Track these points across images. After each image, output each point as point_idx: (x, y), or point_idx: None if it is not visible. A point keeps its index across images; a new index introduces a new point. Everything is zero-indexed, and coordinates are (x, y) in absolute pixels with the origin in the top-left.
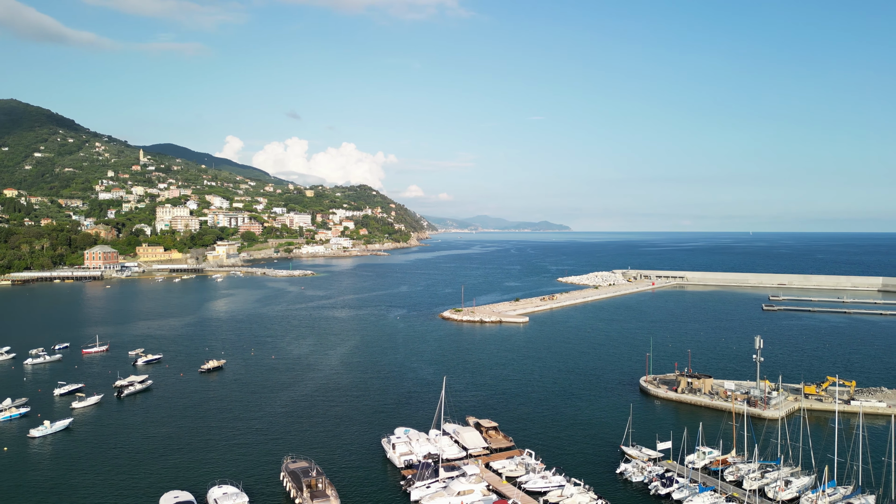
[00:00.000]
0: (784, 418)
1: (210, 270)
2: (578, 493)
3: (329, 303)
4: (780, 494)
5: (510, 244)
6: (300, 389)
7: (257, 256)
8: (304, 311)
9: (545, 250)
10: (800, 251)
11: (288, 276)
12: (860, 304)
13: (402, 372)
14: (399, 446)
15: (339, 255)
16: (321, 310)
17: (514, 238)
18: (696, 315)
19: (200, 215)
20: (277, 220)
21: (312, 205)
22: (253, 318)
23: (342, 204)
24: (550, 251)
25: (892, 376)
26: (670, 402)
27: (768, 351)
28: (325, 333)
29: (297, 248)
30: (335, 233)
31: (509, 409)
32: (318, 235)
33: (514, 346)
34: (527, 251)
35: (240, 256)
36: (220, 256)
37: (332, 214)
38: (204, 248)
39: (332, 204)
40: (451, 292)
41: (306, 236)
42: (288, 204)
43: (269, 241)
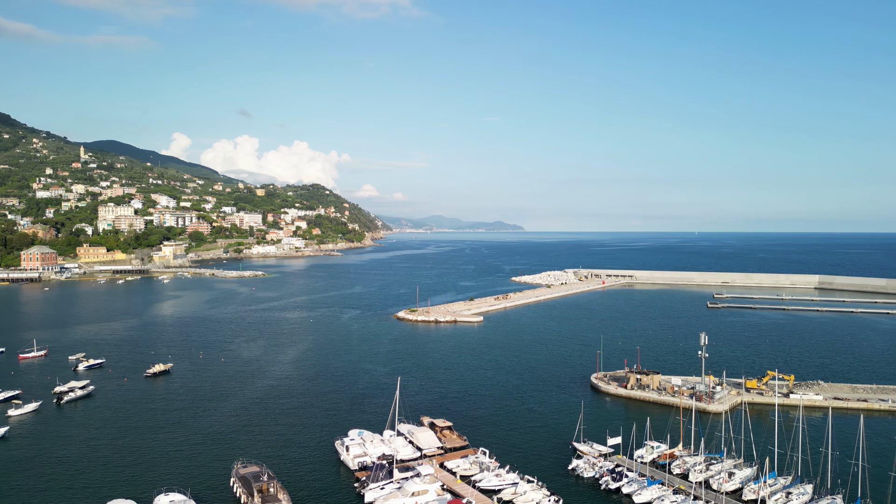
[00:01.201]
0: (727, 412)
1: (156, 271)
2: (532, 490)
3: (281, 304)
4: (723, 486)
5: (465, 244)
6: (251, 393)
7: (206, 257)
8: (255, 313)
9: (499, 250)
10: (742, 251)
11: (238, 276)
12: (798, 301)
13: (356, 373)
14: (353, 448)
15: (291, 255)
16: (273, 311)
17: (468, 238)
18: (644, 313)
19: (146, 215)
20: (227, 220)
21: (263, 204)
22: (201, 320)
23: (294, 203)
24: (504, 251)
25: (829, 370)
26: (620, 398)
27: (713, 347)
28: (277, 335)
29: (248, 249)
30: (287, 233)
31: (464, 408)
32: (269, 235)
33: (469, 345)
34: (481, 251)
35: (187, 257)
36: (167, 257)
37: (283, 214)
38: (149, 248)
39: (284, 203)
40: (405, 292)
41: (257, 236)
42: (238, 203)
43: (218, 241)
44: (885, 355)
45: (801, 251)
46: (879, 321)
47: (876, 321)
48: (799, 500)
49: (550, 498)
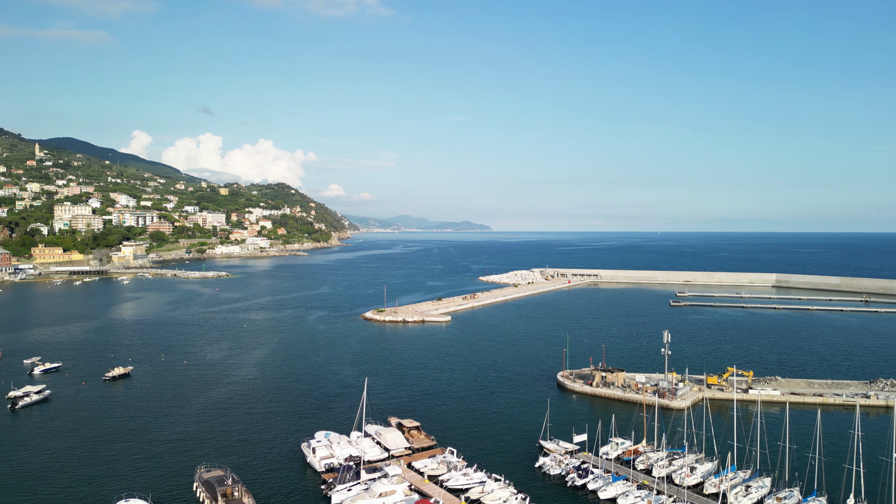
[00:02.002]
0: (690, 408)
1: (115, 272)
2: (499, 488)
3: (245, 305)
4: (685, 480)
5: (432, 244)
6: (215, 395)
7: (168, 257)
8: (219, 314)
9: (467, 250)
10: (703, 250)
11: (201, 277)
12: (757, 298)
13: (323, 374)
14: (319, 450)
15: (255, 255)
16: (237, 312)
17: (436, 238)
18: (609, 311)
19: (104, 214)
20: (189, 220)
21: (227, 203)
22: (163, 321)
23: (259, 202)
24: (472, 251)
25: (786, 366)
26: (586, 395)
27: (675, 344)
28: (241, 337)
29: (211, 249)
30: (251, 232)
31: (432, 408)
32: (233, 235)
33: (437, 345)
34: (449, 251)
35: (148, 257)
36: (127, 257)
37: (248, 213)
38: (108, 248)
39: (249, 203)
40: (373, 292)
41: (221, 236)
42: (201, 202)
43: (180, 241)
44: (839, 351)
45: (759, 250)
46: (834, 318)
47: (831, 318)
48: (758, 493)
49: (517, 496)
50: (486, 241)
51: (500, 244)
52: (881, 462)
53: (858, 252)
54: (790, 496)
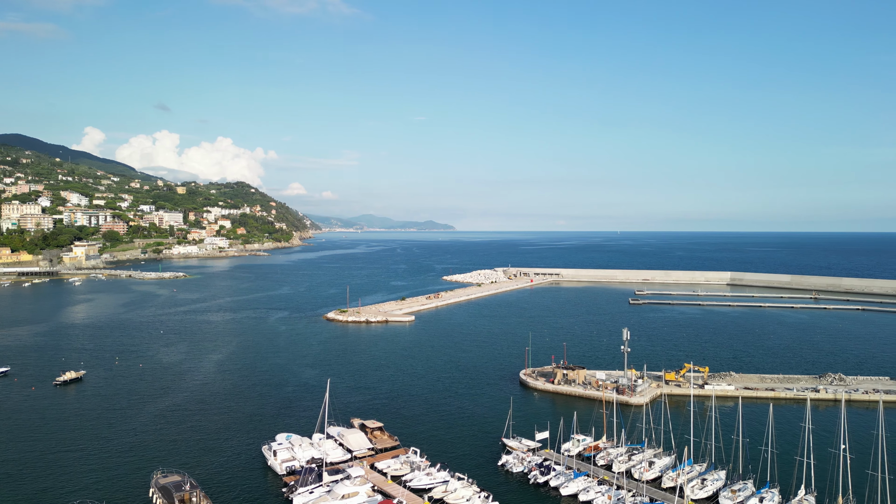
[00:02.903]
0: (648, 404)
1: (66, 273)
2: (462, 487)
3: (204, 306)
4: (644, 475)
5: (396, 243)
6: (172, 399)
7: (122, 258)
8: (176, 316)
9: (430, 249)
10: (662, 249)
11: (157, 278)
12: (712, 296)
13: (284, 376)
14: (280, 453)
15: (214, 255)
16: (195, 314)
17: (399, 237)
18: (570, 310)
19: (55, 213)
20: (145, 219)
21: (185, 202)
22: (117, 324)
23: (218, 202)
24: (436, 250)
25: (740, 362)
26: (548, 393)
27: (635, 342)
28: (200, 339)
29: (168, 249)
30: (210, 232)
31: (395, 408)
32: (190, 235)
33: (400, 345)
34: (413, 250)
35: (101, 258)
36: (79, 258)
37: (206, 213)
38: (59, 248)
39: (207, 202)
40: (335, 293)
41: (178, 236)
42: (157, 201)
43: (135, 241)
44: (790, 347)
45: (714, 249)
46: (785, 315)
47: (782, 315)
48: (713, 485)
49: (480, 494)
50: (449, 241)
51: (464, 244)
52: (830, 454)
53: (808, 251)
54: (744, 488)
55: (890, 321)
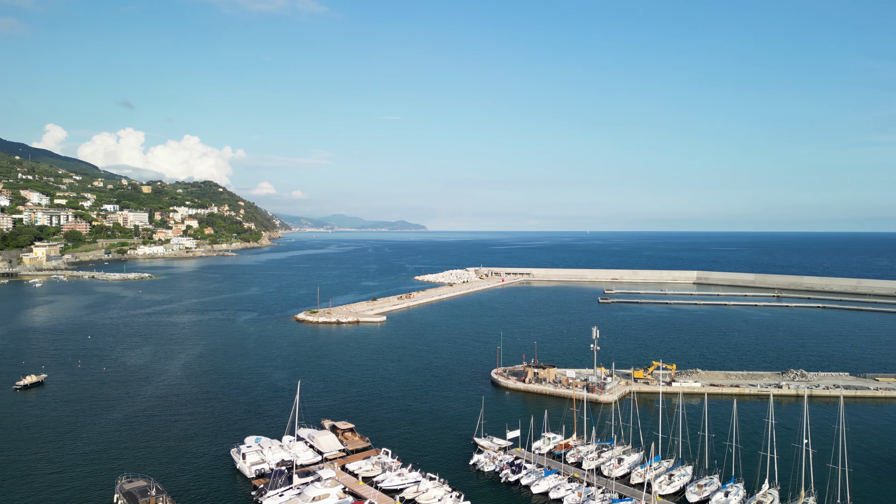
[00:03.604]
0: (617, 401)
1: (26, 275)
2: (434, 487)
3: (170, 307)
4: (613, 472)
5: (367, 243)
6: (137, 403)
7: (85, 259)
8: (141, 318)
9: (402, 249)
10: (630, 249)
11: (122, 279)
12: (679, 295)
13: (253, 378)
14: (250, 455)
15: (181, 256)
16: (161, 315)
17: (371, 237)
18: (541, 309)
19: (14, 213)
20: (109, 219)
21: (150, 202)
22: (80, 326)
23: (184, 201)
24: (407, 250)
25: (706, 359)
26: (519, 392)
27: (604, 340)
28: (166, 341)
29: (133, 249)
30: (176, 232)
31: (366, 409)
32: (156, 235)
33: (372, 345)
34: (384, 250)
35: (63, 259)
36: (39, 259)
37: (172, 212)
38: (19, 249)
39: (173, 201)
40: (306, 293)
41: (143, 236)
42: (121, 201)
43: (98, 241)
44: (754, 344)
45: (681, 249)
46: (749, 313)
47: (746, 313)
48: (680, 481)
49: (452, 494)
50: (421, 241)
51: (436, 244)
52: (793, 448)
53: (770, 251)
54: (710, 483)
55: (849, 318)
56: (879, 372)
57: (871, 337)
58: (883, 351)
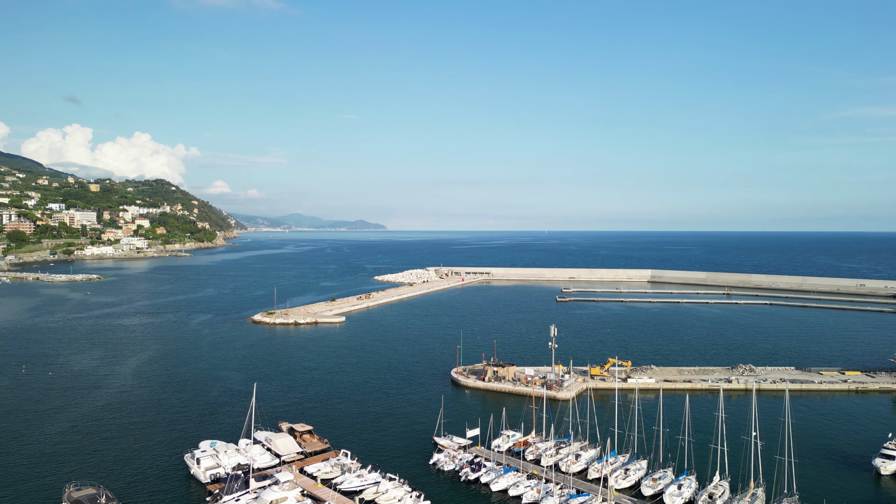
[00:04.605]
0: (575, 398)
1: None
2: (393, 487)
3: (120, 310)
4: (571, 467)
5: (326, 243)
6: (85, 408)
7: (29, 259)
8: (89, 320)
9: (361, 249)
10: (586, 248)
11: (68, 280)
12: (634, 293)
13: (208, 382)
14: (204, 460)
15: (131, 256)
16: (110, 318)
17: (329, 237)
18: (501, 308)
19: None
20: (54, 218)
21: (98, 201)
22: (23, 330)
23: (135, 200)
24: (367, 250)
25: (660, 355)
26: (479, 390)
27: (562, 338)
28: (115, 344)
29: (80, 250)
30: (127, 232)
31: (325, 411)
32: (105, 235)
33: (330, 346)
34: (343, 250)
35: (6, 260)
36: None
37: (122, 211)
38: None
39: (123, 200)
40: (262, 294)
41: (91, 236)
42: (68, 199)
43: (43, 241)
44: (705, 340)
45: (636, 248)
46: (701, 310)
47: (698, 310)
48: (636, 475)
49: (412, 494)
50: (380, 241)
51: (395, 243)
52: (742, 441)
53: (721, 249)
54: (664, 476)
55: (794, 314)
56: (823, 366)
57: (814, 332)
58: (826, 346)
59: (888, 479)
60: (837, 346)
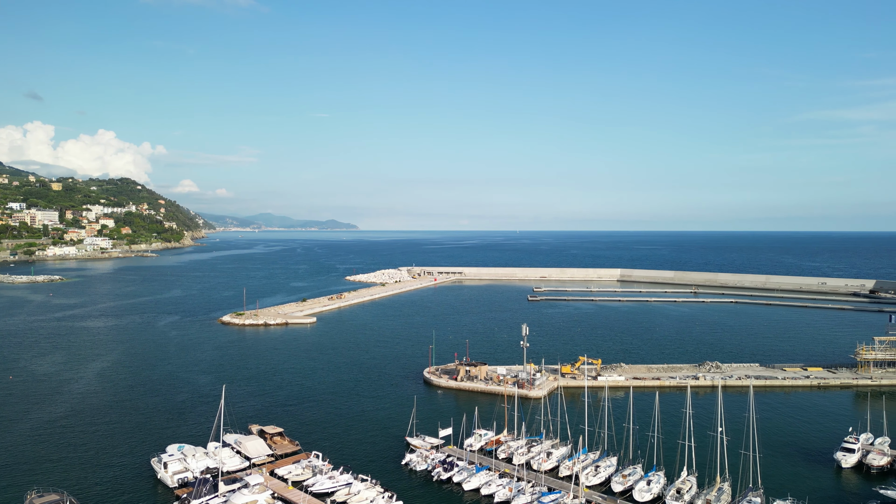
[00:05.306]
0: (546, 396)
1: None
2: (365, 488)
3: (83, 311)
4: (542, 465)
5: (296, 243)
6: (48, 413)
7: None
8: (51, 322)
9: (333, 249)
10: (557, 248)
11: (29, 282)
12: (604, 292)
13: (175, 384)
14: (171, 464)
15: (95, 257)
16: (73, 320)
17: (300, 237)
18: (473, 307)
19: None
20: (14, 218)
21: (61, 200)
22: None
23: (99, 199)
24: (338, 250)
25: (630, 353)
26: (451, 390)
27: (533, 337)
28: (79, 347)
29: (42, 250)
30: (90, 232)
31: (296, 412)
32: (68, 235)
33: (301, 347)
34: (314, 250)
35: None
36: None
37: (86, 211)
38: None
39: (87, 199)
40: (231, 295)
41: (53, 236)
42: (29, 198)
43: (3, 241)
44: (674, 338)
45: (606, 248)
46: (669, 308)
47: (666, 308)
48: (606, 471)
49: (384, 494)
50: (352, 240)
51: (367, 243)
52: (709, 437)
53: (688, 249)
54: (633, 472)
55: (759, 312)
56: (786, 362)
57: (778, 329)
58: (789, 342)
59: (849, 472)
60: (800, 343)
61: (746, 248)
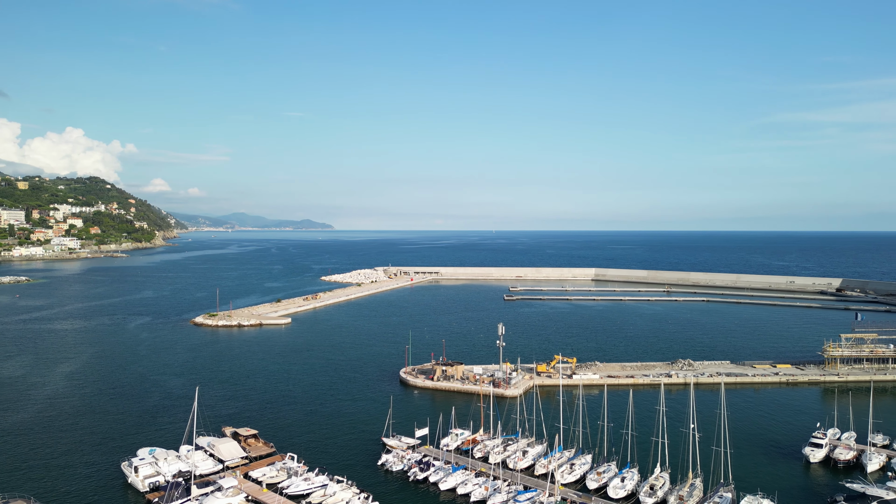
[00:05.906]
0: (522, 395)
1: None
2: (341, 490)
3: (51, 313)
4: (518, 464)
5: (271, 243)
6: (14, 418)
7: None
8: (17, 325)
9: (308, 249)
10: (533, 247)
11: None
12: (579, 291)
13: (147, 387)
14: (143, 468)
15: (63, 257)
16: (40, 322)
17: (274, 237)
18: (449, 307)
19: None
20: None
21: (27, 199)
22: None
23: (67, 198)
24: (313, 250)
25: (604, 352)
26: (428, 390)
27: (509, 336)
28: (46, 349)
29: (7, 251)
30: (58, 232)
31: (270, 414)
32: (34, 235)
33: (276, 348)
34: (289, 250)
35: None
36: None
37: (53, 210)
38: None
39: (54, 198)
40: (203, 296)
41: (19, 236)
42: None
43: None
44: (647, 337)
45: (581, 248)
46: (642, 307)
47: (640, 307)
48: (581, 469)
49: (360, 495)
50: (328, 241)
51: (343, 243)
52: (682, 433)
53: (661, 248)
54: (608, 469)
55: (730, 310)
56: (756, 360)
57: (748, 327)
58: (759, 340)
59: (816, 467)
60: (769, 341)
61: (718, 248)
